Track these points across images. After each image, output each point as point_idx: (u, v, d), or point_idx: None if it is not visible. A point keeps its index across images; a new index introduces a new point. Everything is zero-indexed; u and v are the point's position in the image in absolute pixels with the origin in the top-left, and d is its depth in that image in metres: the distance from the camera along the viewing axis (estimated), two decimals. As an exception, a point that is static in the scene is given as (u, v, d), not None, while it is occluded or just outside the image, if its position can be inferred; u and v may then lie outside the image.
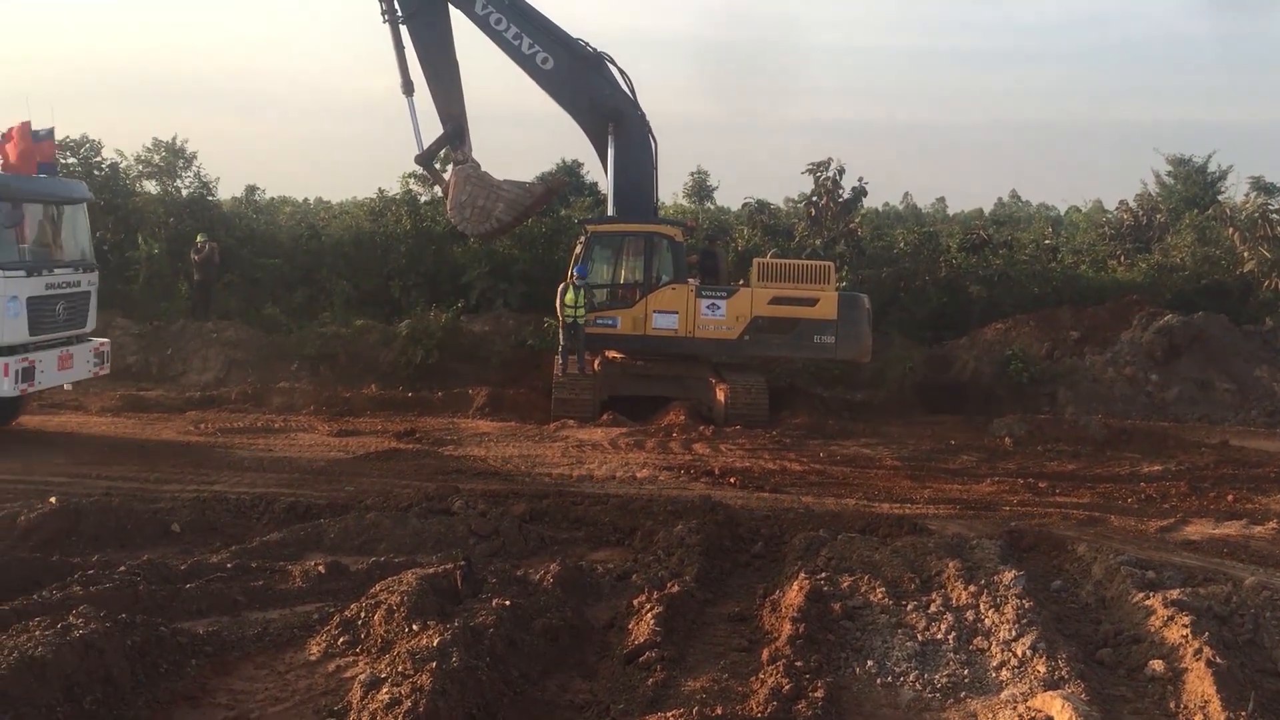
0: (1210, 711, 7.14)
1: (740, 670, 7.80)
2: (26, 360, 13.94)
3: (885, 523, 11.66)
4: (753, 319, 19.11)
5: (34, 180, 14.82)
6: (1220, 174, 37.05)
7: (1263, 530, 12.34)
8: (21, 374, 13.81)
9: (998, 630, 8.39)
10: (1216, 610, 8.96)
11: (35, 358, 14.13)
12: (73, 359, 15.03)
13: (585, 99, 19.77)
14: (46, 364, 14.34)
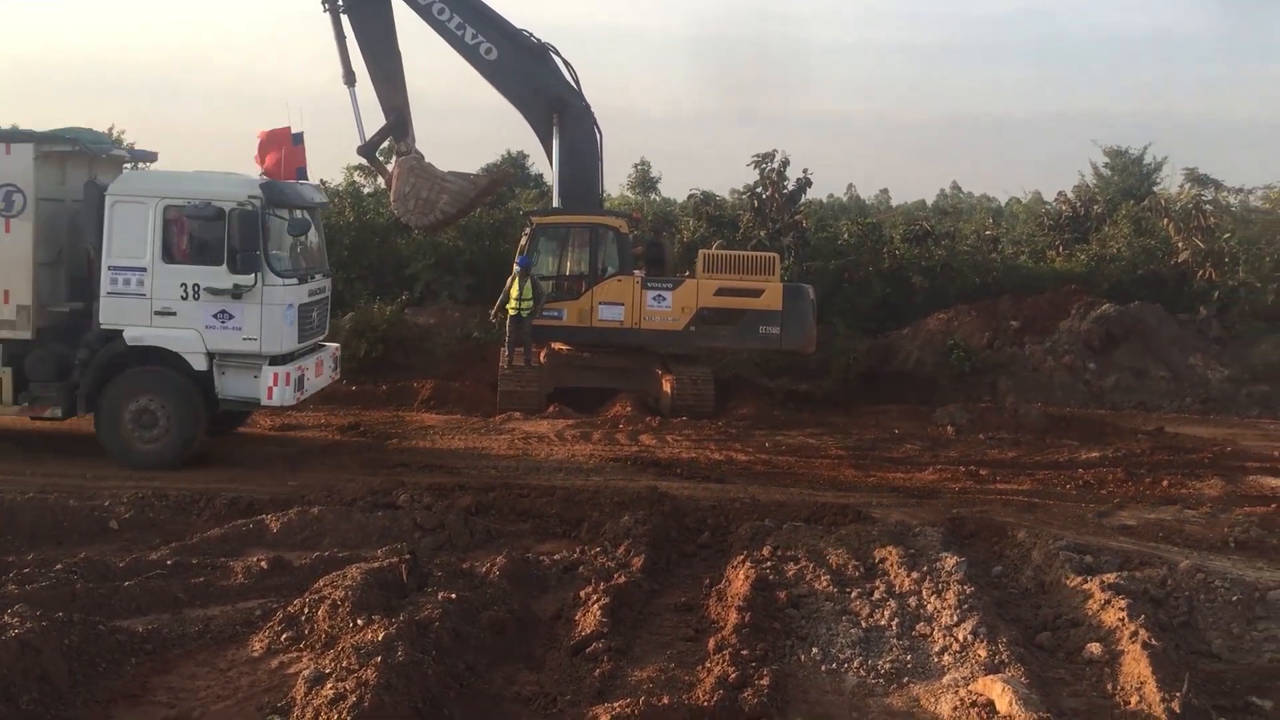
0: (1146, 692, 7.30)
1: (687, 660, 7.84)
2: (300, 368, 13.82)
3: (830, 511, 11.76)
4: (698, 310, 19.16)
5: (303, 187, 14.50)
6: (1156, 166, 37.81)
7: (1196, 515, 12.60)
8: (299, 382, 13.71)
9: (940, 616, 8.51)
10: (1152, 593, 9.17)
11: (304, 365, 14.02)
12: (323, 365, 14.92)
13: (529, 90, 19.68)
14: (310, 371, 14.25)
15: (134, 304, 13.11)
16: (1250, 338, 23.74)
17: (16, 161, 13.06)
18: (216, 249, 13.08)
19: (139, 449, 13.29)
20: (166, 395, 13.29)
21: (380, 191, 27.64)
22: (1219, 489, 14.07)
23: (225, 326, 13.12)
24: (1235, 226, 27.67)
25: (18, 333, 13.19)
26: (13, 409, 13.38)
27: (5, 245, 13.08)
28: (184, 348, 13.15)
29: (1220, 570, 9.95)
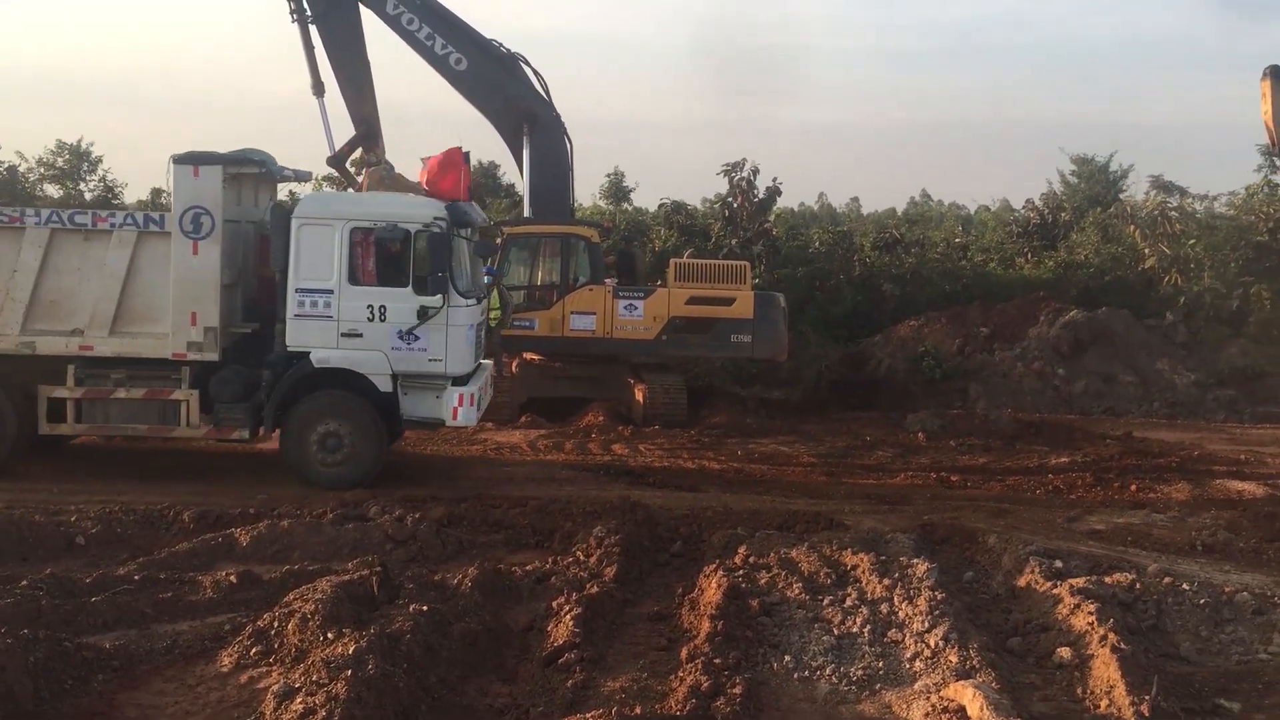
0: (1115, 696, 7.35)
1: (660, 669, 7.82)
2: (479, 388, 13.86)
3: (802, 519, 11.79)
4: (670, 319, 19.18)
5: (473, 208, 14.62)
6: (1122, 173, 38.17)
7: (1164, 519, 12.72)
8: (480, 402, 13.83)
9: (911, 622, 8.53)
10: (1121, 597, 9.22)
11: (480, 385, 14.03)
12: (488, 385, 14.96)
13: (499, 100, 19.67)
14: (484, 391, 14.30)
15: (321, 326, 13.09)
16: (1216, 343, 24.01)
17: (205, 184, 12.99)
18: (402, 271, 13.13)
19: (323, 471, 13.27)
20: (352, 419, 13.27)
21: (350, 202, 27.44)
22: (1186, 493, 14.22)
23: (411, 348, 13.13)
24: (1200, 233, 27.96)
25: (205, 355, 13.12)
26: (200, 431, 13.36)
27: (194, 268, 13.00)
28: (370, 369, 13.14)
29: (1188, 574, 10.03)
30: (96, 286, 13.02)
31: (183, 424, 13.20)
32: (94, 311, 13.03)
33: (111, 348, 13.10)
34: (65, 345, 13.06)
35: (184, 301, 12.99)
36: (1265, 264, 26.80)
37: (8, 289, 12.96)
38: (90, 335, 13.04)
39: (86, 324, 13.04)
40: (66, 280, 13.03)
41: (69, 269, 13.01)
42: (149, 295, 13.07)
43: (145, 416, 13.24)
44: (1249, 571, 10.51)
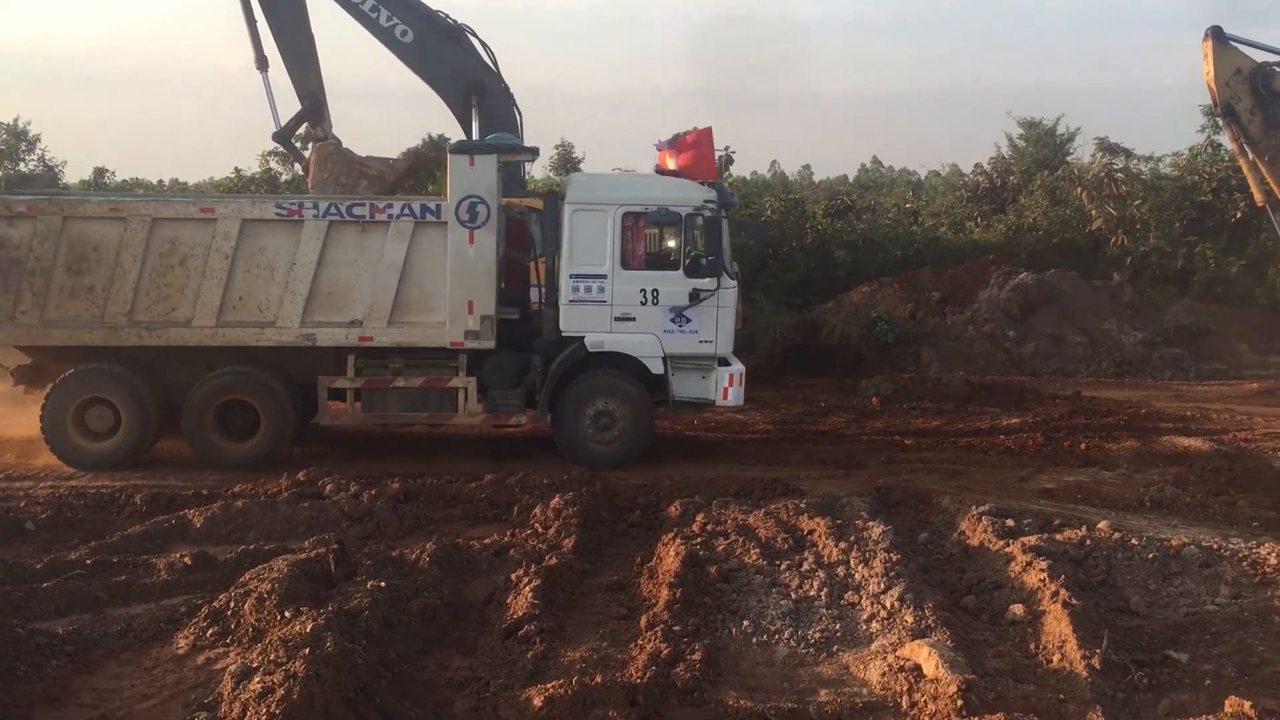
0: (1067, 650, 7.49)
1: (619, 638, 7.87)
2: (744, 367, 13.96)
3: (759, 486, 11.87)
4: (620, 289, 19.10)
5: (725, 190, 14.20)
6: (1068, 136, 38.42)
7: (1113, 476, 12.94)
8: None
9: (867, 584, 8.63)
10: (1071, 554, 9.37)
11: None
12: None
13: (447, 72, 19.39)
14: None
15: (594, 311, 13.25)
16: (1162, 301, 24.41)
17: (481, 173, 13.04)
18: (674, 254, 13.25)
19: (595, 450, 13.47)
20: (624, 399, 13.44)
21: (298, 178, 27.15)
22: (1134, 450, 14.46)
23: (683, 331, 13.28)
24: (1146, 194, 28.35)
25: (482, 343, 13.20)
26: (478, 418, 13.53)
27: (470, 257, 13.03)
28: (643, 352, 13.30)
29: (1137, 529, 10.23)
30: (374, 277, 13.03)
31: (460, 411, 13.36)
32: (372, 302, 13.06)
33: (390, 338, 13.16)
34: (345, 336, 13.11)
35: (461, 290, 13.03)
36: (1209, 223, 27.26)
37: (287, 282, 12.94)
38: (369, 326, 13.09)
39: (365, 315, 13.06)
40: (344, 272, 13.03)
41: (346, 261, 13.01)
42: (425, 285, 13.10)
43: (424, 404, 13.39)
44: (1196, 525, 10.73)
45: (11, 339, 12.98)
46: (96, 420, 13.01)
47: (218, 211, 12.90)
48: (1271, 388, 20.06)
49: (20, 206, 12.71)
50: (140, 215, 12.76)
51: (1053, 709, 6.71)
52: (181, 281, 12.83)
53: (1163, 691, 7.16)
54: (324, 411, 13.36)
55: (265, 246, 12.89)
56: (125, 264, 12.72)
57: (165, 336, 12.91)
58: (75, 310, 12.80)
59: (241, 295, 12.89)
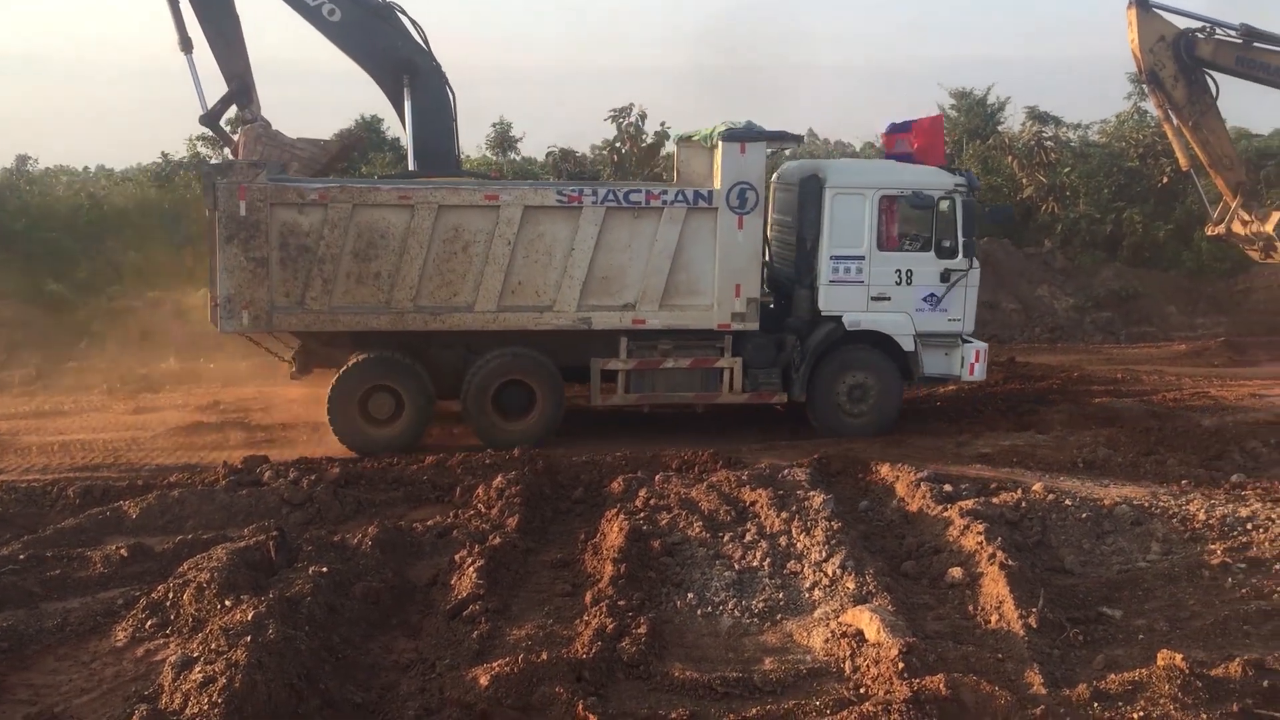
0: (1005, 610, 7.65)
1: (565, 615, 7.90)
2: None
3: (701, 459, 11.92)
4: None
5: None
6: (999, 105, 38.68)
7: (1047, 439, 13.16)
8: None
9: (809, 553, 8.73)
10: (1008, 516, 9.56)
11: None
12: None
13: (376, 51, 19.11)
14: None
15: (852, 291, 13.64)
16: (1092, 267, 24.82)
17: (751, 160, 13.20)
18: (926, 236, 13.73)
19: (848, 421, 13.89)
20: (877, 373, 13.88)
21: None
22: (1067, 413, 14.71)
23: (934, 310, 13.77)
24: (1075, 161, 28.76)
25: (747, 325, 13.48)
26: (742, 396, 13.77)
27: (738, 242, 13.26)
28: (896, 330, 13.75)
29: (1070, 490, 10.43)
30: (647, 262, 13.23)
31: (724, 390, 13.70)
32: (644, 286, 13.27)
33: (661, 320, 13.41)
34: (619, 319, 13.34)
35: (729, 274, 13.29)
36: (1136, 189, 27.73)
37: (565, 267, 13.12)
38: (642, 309, 13.31)
39: (638, 298, 13.28)
40: (618, 257, 13.21)
41: (620, 246, 13.19)
42: (692, 269, 13.33)
43: (690, 385, 13.72)
44: (1127, 485, 10.96)
45: (301, 325, 13.02)
46: (378, 407, 13.18)
47: (501, 198, 13.05)
48: (1199, 349, 20.52)
49: (312, 194, 12.80)
50: (428, 202, 12.92)
51: (991, 668, 6.85)
52: (464, 267, 12.99)
53: (1097, 647, 7.35)
54: (597, 392, 13.64)
55: (544, 232, 13.09)
56: (412, 250, 12.88)
57: (449, 321, 13.09)
58: (362, 296, 12.90)
59: (520, 280, 13.09)
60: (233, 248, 12.53)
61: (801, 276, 13.79)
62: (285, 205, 12.69)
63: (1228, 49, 18.41)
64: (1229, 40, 18.55)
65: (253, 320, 12.71)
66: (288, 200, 12.70)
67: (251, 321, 12.72)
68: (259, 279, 12.58)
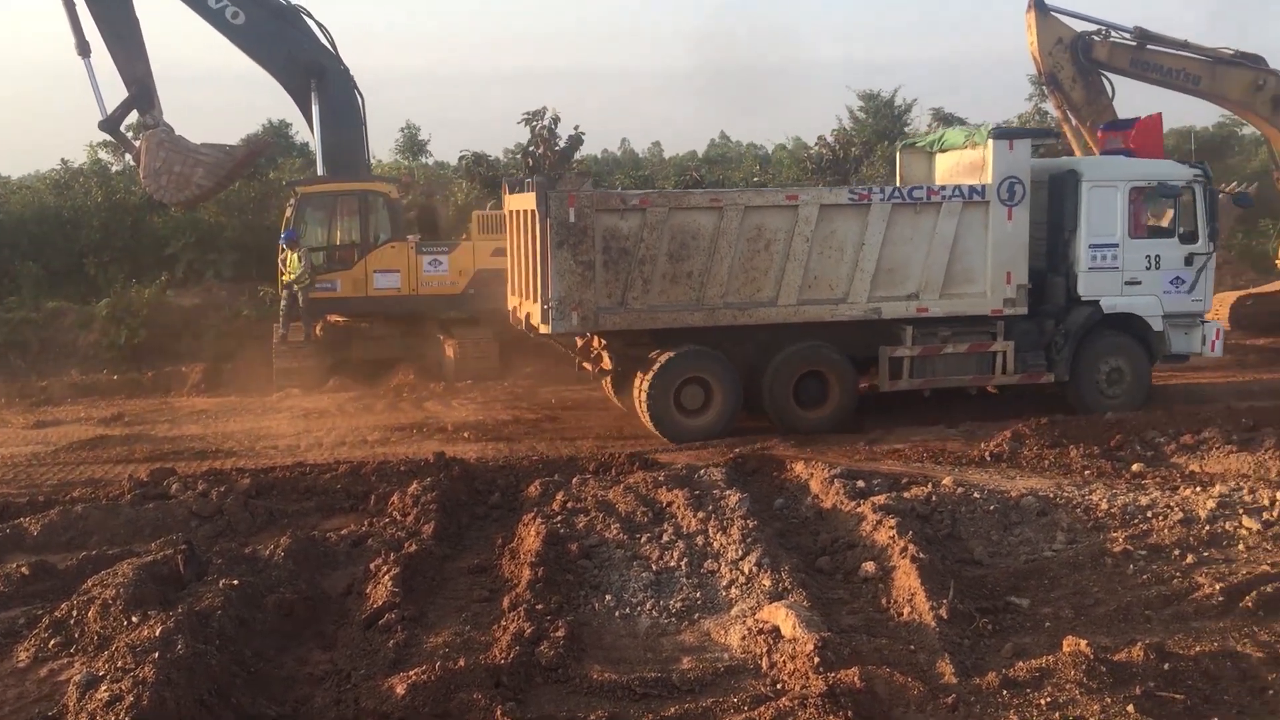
0: (916, 603, 7.78)
1: (482, 620, 7.85)
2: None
3: (618, 461, 11.96)
4: (476, 272, 19.04)
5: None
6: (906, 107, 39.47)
7: (957, 433, 13.44)
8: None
9: (726, 551, 8.80)
10: (919, 510, 9.74)
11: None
12: None
13: (282, 54, 18.92)
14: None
15: (1108, 276, 14.72)
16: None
17: (1019, 156, 14.27)
18: (1171, 223, 14.95)
19: (1104, 402, 14.79)
20: (1131, 357, 15.01)
21: (130, 168, 26.10)
22: (977, 408, 15.03)
23: (1179, 292, 14.87)
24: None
25: (1016, 310, 14.42)
26: (1014, 378, 14.67)
27: (1008, 232, 14.22)
28: (1148, 312, 14.86)
29: (979, 483, 10.66)
30: (927, 254, 14.07)
31: (997, 373, 14.64)
32: (925, 277, 14.10)
33: (941, 309, 14.27)
34: (905, 309, 14.15)
35: (1000, 263, 14.25)
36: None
37: (856, 261, 13.88)
38: (924, 298, 14.15)
39: (920, 288, 14.11)
40: (901, 249, 14.01)
41: (903, 239, 13.98)
42: (966, 259, 14.22)
43: (967, 368, 14.64)
44: (1033, 477, 11.24)
45: (624, 323, 13.62)
46: (690, 398, 13.86)
47: (800, 199, 13.84)
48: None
49: (634, 200, 13.54)
50: (736, 205, 13.65)
51: (904, 659, 6.96)
52: (766, 264, 13.72)
53: (1006, 636, 7.51)
54: (885, 378, 14.34)
55: (836, 229, 13.84)
56: (721, 249, 13.55)
57: (754, 316, 13.80)
58: (676, 295, 13.58)
59: (816, 275, 13.83)
60: (563, 253, 13.17)
61: (1056, 264, 14.82)
62: (608, 211, 13.39)
63: (1122, 51, 19.02)
64: (1124, 43, 19.15)
65: (581, 320, 13.38)
66: (610, 207, 13.46)
67: (580, 322, 13.40)
68: (586, 281, 13.25)
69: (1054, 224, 14.74)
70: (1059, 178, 14.75)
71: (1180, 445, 12.38)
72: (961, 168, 15.31)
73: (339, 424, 15.02)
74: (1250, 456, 11.55)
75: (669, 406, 13.73)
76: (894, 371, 14.33)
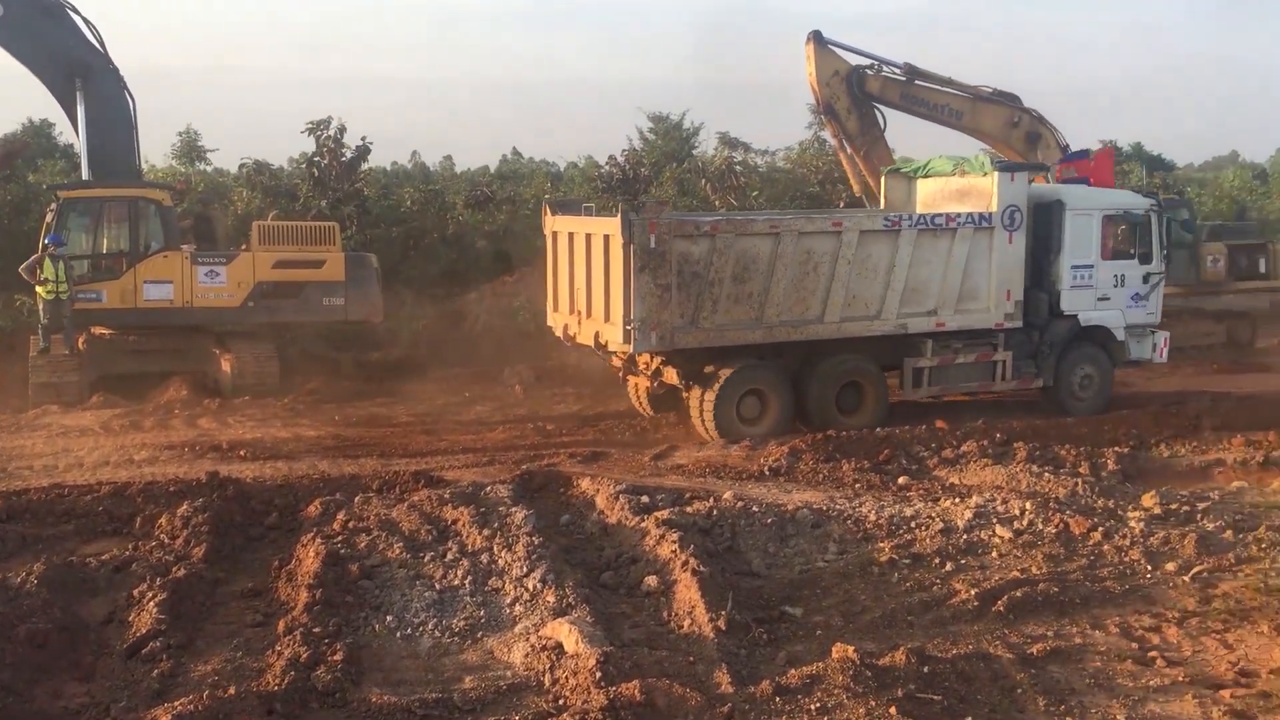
0: (696, 615, 7.98)
1: (255, 646, 7.60)
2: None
3: (403, 479, 11.73)
4: (256, 284, 18.38)
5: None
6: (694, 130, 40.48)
7: (738, 449, 13.78)
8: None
9: (511, 568, 8.79)
10: (700, 524, 9.98)
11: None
12: None
13: (44, 51, 17.83)
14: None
15: (1085, 293, 16.43)
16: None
17: (1018, 186, 15.77)
18: (1132, 246, 16.70)
19: (1076, 404, 16.41)
20: (1098, 364, 16.74)
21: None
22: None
23: (1137, 306, 16.78)
24: (763, 185, 30.46)
25: (1013, 323, 15.95)
26: (1011, 384, 16.26)
27: (1009, 254, 15.73)
28: (1114, 324, 16.69)
29: (758, 497, 11.00)
30: (944, 274, 15.41)
31: (998, 380, 16.17)
32: (943, 294, 15.46)
33: (955, 323, 15.68)
34: (926, 324, 15.49)
35: (1002, 281, 15.76)
36: (818, 213, 29.65)
37: (888, 280, 15.05)
38: (942, 314, 15.53)
39: (939, 305, 15.46)
40: (923, 270, 15.29)
41: (924, 261, 15.27)
42: (973, 278, 15.64)
43: (974, 376, 16.12)
44: (809, 490, 11.67)
45: (695, 341, 14.38)
46: (748, 408, 14.82)
47: (844, 225, 14.96)
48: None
49: (705, 226, 14.40)
50: (790, 230, 14.64)
51: (684, 671, 7.13)
52: (814, 285, 14.76)
53: (780, 645, 7.79)
54: (910, 386, 15.69)
55: (872, 253, 15.00)
56: (778, 272, 14.48)
57: (805, 332, 14.87)
58: (739, 314, 14.46)
59: (855, 294, 14.98)
60: (644, 276, 13.83)
61: (1040, 282, 16.32)
62: (683, 237, 14.09)
63: (893, 85, 20.08)
64: (895, 78, 20.22)
65: (659, 340, 14.12)
66: (685, 233, 14.17)
67: (659, 341, 14.13)
68: (664, 303, 13.97)
69: (1039, 246, 16.23)
70: (1045, 206, 16.29)
71: (942, 459, 13.10)
72: (946, 194, 16.76)
73: (103, 443, 14.17)
74: (1003, 469, 12.36)
75: (732, 418, 14.65)
76: (916, 380, 15.72)
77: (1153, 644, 7.85)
